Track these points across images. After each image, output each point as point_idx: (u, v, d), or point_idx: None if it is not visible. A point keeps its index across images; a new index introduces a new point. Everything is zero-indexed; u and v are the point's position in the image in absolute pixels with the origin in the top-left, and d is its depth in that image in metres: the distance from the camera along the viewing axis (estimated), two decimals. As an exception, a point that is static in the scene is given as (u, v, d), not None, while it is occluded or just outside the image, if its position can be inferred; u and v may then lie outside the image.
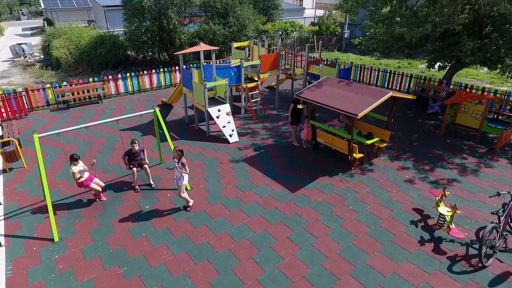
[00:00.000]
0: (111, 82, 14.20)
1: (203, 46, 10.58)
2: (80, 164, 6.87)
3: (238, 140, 10.23)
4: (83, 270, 5.57)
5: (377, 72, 15.21)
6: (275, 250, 5.96)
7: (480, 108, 10.01)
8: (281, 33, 15.08)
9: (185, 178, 6.73)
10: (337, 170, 8.55)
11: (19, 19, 50.08)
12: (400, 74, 14.46)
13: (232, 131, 10.23)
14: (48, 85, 12.94)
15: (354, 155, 8.37)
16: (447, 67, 12.97)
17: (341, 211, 7.00)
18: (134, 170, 7.55)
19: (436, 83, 13.29)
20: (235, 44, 13.38)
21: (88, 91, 13.49)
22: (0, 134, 10.38)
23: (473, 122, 10.26)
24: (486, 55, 10.54)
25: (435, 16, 10.01)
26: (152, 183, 7.90)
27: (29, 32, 36.24)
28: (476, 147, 9.76)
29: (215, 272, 5.51)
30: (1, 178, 8.39)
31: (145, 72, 15.08)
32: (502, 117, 11.62)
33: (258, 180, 8.13)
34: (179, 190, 6.81)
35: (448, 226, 6.17)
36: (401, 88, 14.44)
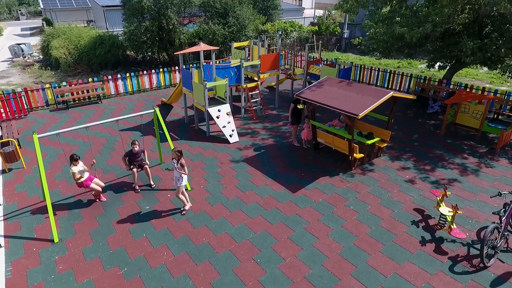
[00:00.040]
0: (110, 82, 14.17)
1: (203, 46, 10.56)
2: (80, 164, 6.85)
3: (238, 140, 10.21)
4: (83, 271, 5.54)
5: (377, 72, 15.20)
6: (276, 250, 5.94)
7: (480, 108, 10.01)
8: (281, 33, 15.05)
9: (184, 179, 6.68)
10: (337, 170, 8.53)
11: (18, 19, 49.99)
12: (400, 74, 14.46)
13: (232, 131, 10.21)
14: (47, 85, 12.90)
15: (355, 155, 8.35)
16: (447, 67, 12.97)
17: (342, 212, 6.98)
18: (134, 171, 7.53)
19: (436, 83, 13.29)
20: (235, 44, 13.36)
21: (87, 91, 13.45)
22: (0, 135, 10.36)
23: (473, 122, 10.26)
24: (486, 55, 10.54)
25: (435, 16, 10.01)
26: (152, 184, 7.88)
27: (28, 32, 36.17)
28: (477, 147, 9.75)
29: (216, 273, 5.49)
30: (0, 178, 8.36)
31: (144, 72, 15.05)
32: (502, 117, 11.62)
33: (258, 181, 8.11)
34: (177, 191, 6.76)
35: (450, 226, 6.16)
36: (401, 88, 14.44)
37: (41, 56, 21.84)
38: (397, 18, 11.58)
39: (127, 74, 14.62)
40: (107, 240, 6.22)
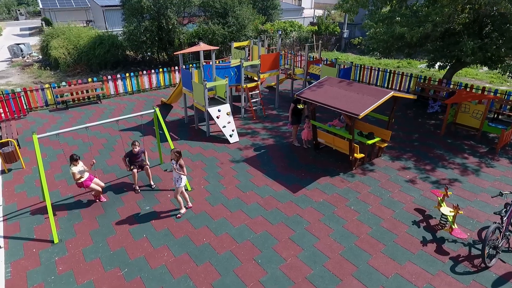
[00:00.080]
0: (110, 82, 14.14)
1: (203, 46, 10.53)
2: (80, 164, 6.82)
3: (238, 140, 10.18)
4: (84, 272, 5.51)
5: (377, 72, 15.20)
6: (277, 251, 5.92)
7: (480, 108, 10.00)
8: (281, 32, 15.03)
9: (183, 180, 6.62)
10: (338, 170, 8.52)
11: (17, 19, 49.88)
12: (400, 73, 14.45)
13: (232, 131, 10.19)
14: (46, 85, 12.86)
15: (355, 155, 8.34)
16: (447, 66, 12.96)
17: (342, 212, 6.96)
18: (134, 172, 7.50)
19: (436, 83, 13.28)
20: (235, 44, 13.34)
21: (87, 91, 13.42)
22: (-1, 135, 10.31)
23: (473, 121, 10.25)
24: (486, 54, 10.53)
25: (436, 15, 9.99)
26: (153, 184, 7.85)
27: (27, 32, 36.09)
28: (477, 146, 9.74)
29: (217, 273, 5.46)
30: (0, 179, 8.32)
31: (144, 72, 15.02)
32: (502, 116, 11.61)
33: (259, 181, 8.09)
34: (176, 192, 6.70)
35: (451, 227, 6.15)
36: (401, 88, 14.43)
37: (40, 56, 21.79)
38: (397, 18, 11.56)
39: (127, 74, 14.58)
40: (107, 241, 6.19)
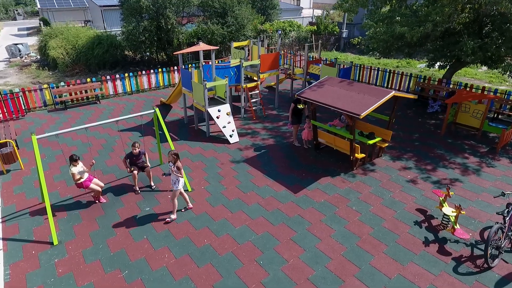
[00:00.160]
0: (109, 83, 14.07)
1: (202, 46, 10.49)
2: (80, 165, 6.77)
3: (238, 140, 10.14)
4: (84, 274, 5.46)
5: (376, 71, 15.18)
6: (279, 252, 5.88)
7: (480, 108, 9.99)
8: (280, 32, 15.00)
9: (180, 183, 6.52)
10: (339, 171, 8.48)
11: (14, 19, 49.66)
12: (400, 73, 14.44)
13: (233, 131, 10.15)
14: (45, 85, 12.79)
15: (356, 155, 8.31)
16: (447, 66, 12.95)
17: (344, 212, 6.93)
18: (135, 173, 7.43)
19: (436, 83, 13.27)
20: (235, 44, 13.29)
21: (85, 92, 13.35)
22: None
23: (474, 121, 10.23)
24: (486, 54, 10.52)
25: (436, 15, 9.97)
26: (153, 185, 7.79)
27: (25, 32, 35.93)
28: (477, 146, 9.73)
29: (218, 275, 5.42)
30: (-2, 180, 8.27)
31: (143, 72, 14.95)
32: (502, 116, 11.61)
33: (259, 181, 8.05)
34: (173, 194, 6.60)
35: (453, 227, 6.12)
36: (400, 88, 14.42)
37: (38, 56, 21.68)
38: (397, 18, 11.54)
39: (126, 74, 14.52)
40: (107, 242, 6.14)
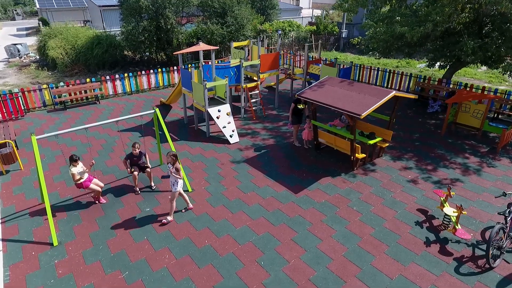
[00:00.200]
0: (108, 83, 14.03)
1: (202, 46, 10.47)
2: (80, 165, 6.74)
3: (238, 140, 10.12)
4: (84, 275, 5.43)
5: (376, 71, 15.17)
6: (280, 252, 5.86)
7: (481, 108, 9.98)
8: (280, 32, 14.99)
9: (179, 184, 6.46)
10: (339, 171, 8.47)
11: (13, 19, 49.53)
12: (400, 73, 14.43)
13: (233, 131, 10.12)
14: (44, 85, 12.75)
15: (357, 155, 8.29)
16: (447, 66, 12.95)
17: (345, 212, 6.91)
18: (135, 174, 7.40)
19: (436, 82, 13.26)
20: (234, 44, 13.27)
21: (85, 92, 13.31)
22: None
23: (474, 121, 10.23)
24: (486, 54, 10.52)
25: (436, 15, 9.96)
26: (153, 185, 7.77)
27: (24, 32, 35.84)
28: (478, 146, 9.72)
29: (219, 276, 5.40)
30: (-3, 180, 8.24)
31: (143, 72, 14.92)
32: (502, 116, 11.61)
33: (260, 181, 8.03)
34: (171, 196, 6.55)
35: (454, 227, 6.11)
36: (400, 88, 14.42)
37: (37, 57, 21.62)
38: (397, 18, 11.53)
39: (125, 74, 14.48)
40: (107, 243, 6.11)
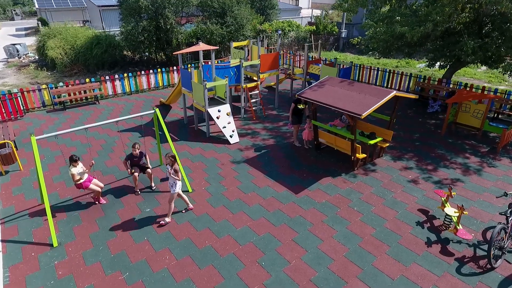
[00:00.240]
0: (108, 83, 14.00)
1: (202, 46, 10.44)
2: (80, 165, 6.72)
3: (238, 140, 10.09)
4: (84, 276, 5.41)
5: (376, 71, 15.16)
6: (281, 253, 5.84)
7: (481, 107, 9.97)
8: (280, 32, 14.97)
9: (177, 186, 6.43)
10: (340, 171, 8.45)
11: (12, 19, 49.44)
12: (400, 73, 14.43)
13: (233, 131, 10.10)
14: (43, 86, 12.71)
15: (357, 155, 8.28)
16: (447, 66, 12.94)
17: (345, 213, 6.90)
18: (135, 175, 7.37)
19: (436, 82, 13.26)
20: (234, 44, 13.24)
21: (84, 92, 13.28)
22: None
23: (474, 121, 10.22)
24: (486, 54, 10.51)
25: (436, 15, 9.95)
26: (153, 186, 7.74)
27: (23, 32, 35.77)
28: (478, 146, 9.71)
29: (220, 276, 5.38)
30: (-3, 181, 8.20)
31: (142, 72, 14.89)
32: (502, 116, 11.61)
33: (260, 182, 8.01)
34: (170, 197, 6.52)
35: (455, 227, 6.10)
36: (400, 88, 14.41)
37: (36, 57, 21.58)
38: (397, 17, 11.52)
39: (125, 75, 14.45)
40: (107, 244, 6.08)
